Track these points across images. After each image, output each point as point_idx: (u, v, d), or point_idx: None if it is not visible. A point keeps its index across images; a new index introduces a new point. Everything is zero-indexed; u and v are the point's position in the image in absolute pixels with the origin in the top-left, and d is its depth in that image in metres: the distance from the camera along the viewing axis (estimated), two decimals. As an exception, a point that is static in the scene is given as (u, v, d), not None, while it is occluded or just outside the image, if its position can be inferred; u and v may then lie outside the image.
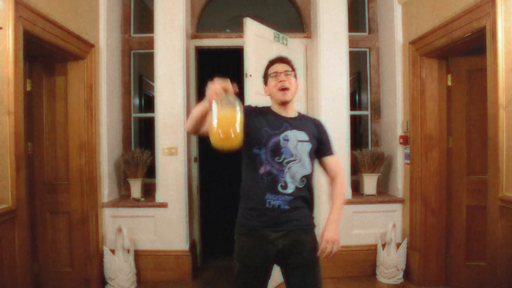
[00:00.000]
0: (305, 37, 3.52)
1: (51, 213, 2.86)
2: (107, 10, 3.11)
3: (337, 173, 1.70)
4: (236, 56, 3.19)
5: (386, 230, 3.11)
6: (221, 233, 3.24)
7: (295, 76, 1.66)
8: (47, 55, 2.69)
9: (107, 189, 3.12)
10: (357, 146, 3.57)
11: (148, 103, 3.70)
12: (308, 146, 1.59)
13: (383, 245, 3.10)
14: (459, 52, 2.76)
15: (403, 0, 3.13)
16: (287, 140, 1.56)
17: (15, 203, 1.97)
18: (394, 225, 3.10)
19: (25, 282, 2.05)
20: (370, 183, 3.28)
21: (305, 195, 1.60)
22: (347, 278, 3.13)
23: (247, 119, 1.52)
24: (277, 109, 1.67)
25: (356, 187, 3.38)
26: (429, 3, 2.76)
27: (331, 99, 3.16)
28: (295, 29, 3.62)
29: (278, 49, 3.01)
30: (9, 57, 1.94)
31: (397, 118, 3.23)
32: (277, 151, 1.54)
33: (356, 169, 3.38)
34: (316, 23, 3.23)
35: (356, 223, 3.18)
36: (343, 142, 3.16)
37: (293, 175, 1.55)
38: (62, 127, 2.86)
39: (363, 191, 3.31)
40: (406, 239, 3.11)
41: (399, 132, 3.22)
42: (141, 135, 3.70)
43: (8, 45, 1.93)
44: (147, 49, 3.43)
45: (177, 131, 3.10)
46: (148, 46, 3.39)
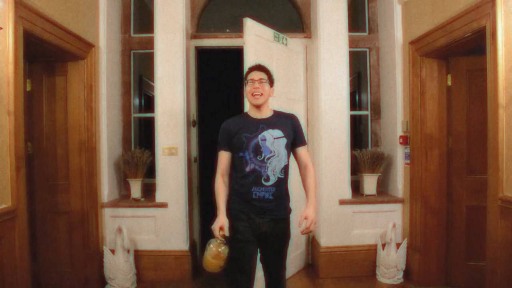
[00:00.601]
0: (305, 37, 3.52)
1: (51, 213, 2.86)
2: (107, 10, 3.11)
3: (307, 162, 1.97)
4: (236, 56, 3.19)
5: (386, 230, 3.11)
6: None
7: (271, 82, 1.93)
8: (47, 55, 2.69)
9: (107, 189, 3.12)
10: (357, 146, 3.57)
11: (148, 103, 3.70)
12: (283, 141, 1.87)
13: (383, 245, 3.10)
14: (459, 52, 2.76)
15: (403, 0, 3.13)
16: (264, 140, 1.84)
17: (15, 203, 1.97)
18: (394, 225, 3.10)
19: (25, 282, 2.05)
20: (370, 183, 3.28)
21: (285, 184, 1.92)
22: (347, 278, 3.13)
23: (229, 133, 1.90)
24: (253, 111, 1.94)
25: (356, 187, 3.38)
26: (429, 3, 2.76)
27: (331, 99, 3.16)
28: (295, 29, 3.62)
29: (278, 49, 3.01)
30: (9, 57, 1.94)
31: (397, 118, 3.23)
32: (257, 150, 1.84)
33: (356, 169, 3.38)
34: (316, 23, 3.23)
35: (356, 223, 3.19)
36: (343, 142, 3.17)
37: (274, 168, 1.84)
38: (62, 127, 2.86)
39: (363, 191, 3.31)
40: (406, 239, 3.11)
41: (399, 132, 3.22)
42: (141, 135, 3.70)
43: (8, 45, 1.93)
44: (147, 49, 3.44)
45: (177, 131, 3.10)
46: (148, 46, 3.39)
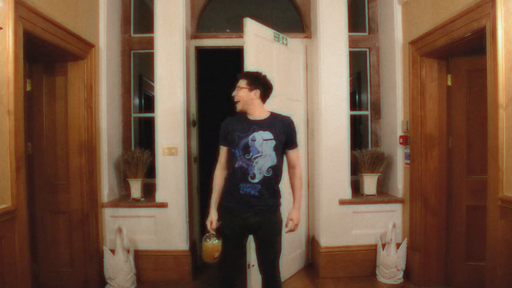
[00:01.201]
0: (305, 37, 3.52)
1: (51, 213, 2.86)
2: (107, 10, 3.11)
3: (296, 165, 2.11)
4: (236, 56, 3.19)
5: (386, 230, 3.12)
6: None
7: (252, 86, 2.03)
8: (47, 55, 2.69)
9: (107, 189, 3.12)
10: (357, 146, 3.57)
11: (148, 103, 3.70)
12: (272, 143, 1.97)
13: (383, 245, 3.10)
14: (459, 52, 2.76)
15: (403, 0, 3.13)
16: (254, 140, 1.97)
17: (15, 203, 1.97)
18: (394, 225, 3.10)
19: (25, 282, 2.05)
20: (370, 183, 3.28)
21: (272, 181, 2.01)
22: (347, 278, 3.13)
23: (227, 130, 2.07)
24: (248, 114, 2.06)
25: (356, 187, 3.38)
26: (429, 3, 2.76)
27: (331, 99, 3.16)
28: (295, 29, 3.62)
29: (278, 49, 3.01)
30: (9, 57, 1.93)
31: (397, 118, 3.23)
32: (246, 149, 1.97)
33: (356, 169, 3.38)
34: (316, 23, 3.23)
35: (356, 223, 3.19)
36: (343, 142, 3.17)
37: (260, 167, 1.96)
38: (62, 127, 2.86)
39: (363, 191, 3.31)
40: (406, 239, 3.11)
41: (399, 132, 3.22)
42: (141, 135, 3.70)
43: (8, 45, 1.93)
44: (147, 49, 3.44)
45: (177, 131, 3.10)
46: (148, 46, 3.39)
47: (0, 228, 1.87)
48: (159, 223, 3.11)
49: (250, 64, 2.64)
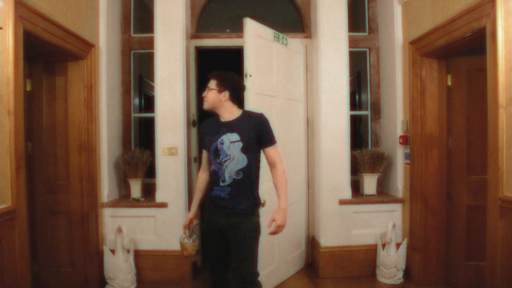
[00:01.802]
0: (305, 37, 3.52)
1: (51, 213, 2.86)
2: (107, 10, 3.11)
3: (275, 162, 1.99)
4: (236, 56, 3.19)
5: (386, 230, 3.11)
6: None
7: (219, 87, 1.97)
8: (47, 55, 2.69)
9: (107, 189, 3.12)
10: (357, 146, 3.57)
11: (148, 103, 3.70)
12: (239, 145, 1.91)
13: (383, 245, 3.10)
14: (459, 52, 2.76)
15: (403, 0, 3.13)
16: (222, 143, 1.93)
17: (15, 203, 1.97)
18: (394, 225, 3.10)
19: (25, 282, 2.05)
20: (370, 183, 3.28)
21: (243, 184, 1.94)
22: (347, 278, 3.13)
23: (202, 134, 2.06)
24: (220, 115, 2.01)
25: (356, 187, 3.38)
26: (429, 3, 2.76)
27: (331, 99, 3.16)
28: (295, 29, 3.62)
29: (278, 49, 3.01)
30: (9, 57, 1.93)
31: (397, 118, 3.23)
32: (216, 153, 1.95)
33: (356, 169, 3.38)
34: (316, 23, 3.23)
35: (356, 223, 3.19)
36: (343, 142, 3.17)
37: (230, 170, 1.92)
38: (62, 127, 2.86)
39: (363, 191, 3.31)
40: (406, 239, 3.11)
41: (399, 132, 3.22)
42: (141, 135, 3.70)
43: (8, 45, 1.93)
44: (147, 49, 3.43)
45: (177, 131, 3.10)
46: (148, 46, 3.39)
47: (0, 228, 1.87)
48: (159, 223, 3.11)
49: (250, 64, 2.64)
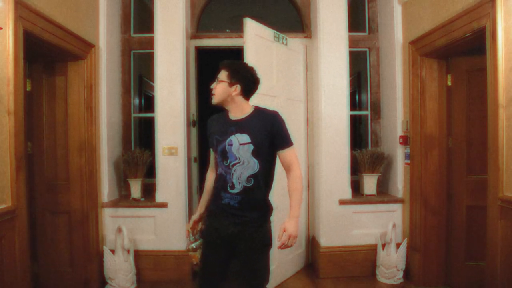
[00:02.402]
0: (305, 37, 3.52)
1: (51, 213, 2.86)
2: (107, 10, 3.11)
3: (291, 166, 1.76)
4: (236, 56, 3.18)
5: (386, 230, 3.11)
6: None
7: (233, 80, 1.74)
8: (47, 55, 2.69)
9: (107, 189, 3.12)
10: (357, 146, 3.57)
11: (148, 103, 3.70)
12: (249, 148, 1.69)
13: (383, 245, 3.10)
14: (459, 52, 2.76)
15: (403, 0, 3.13)
16: (231, 145, 1.71)
17: (15, 203, 1.97)
18: (394, 225, 3.10)
19: (25, 282, 2.05)
20: (370, 183, 3.28)
21: (255, 192, 1.72)
22: (347, 278, 3.13)
23: (208, 132, 1.87)
24: (229, 111, 1.82)
25: (356, 187, 3.38)
26: (429, 3, 2.76)
27: (331, 99, 3.16)
28: (295, 29, 3.62)
29: (278, 49, 3.01)
30: (9, 57, 1.93)
31: (397, 118, 3.23)
32: (224, 155, 1.73)
33: (356, 169, 3.38)
34: (316, 23, 3.23)
35: (356, 223, 3.19)
36: (343, 142, 3.17)
37: (239, 176, 1.70)
38: (62, 127, 2.86)
39: (363, 191, 3.31)
40: (406, 239, 3.11)
41: (399, 132, 3.22)
42: (141, 135, 3.70)
43: (8, 45, 1.93)
44: (147, 49, 3.43)
45: (177, 131, 3.10)
46: (148, 46, 3.39)
47: (0, 228, 1.87)
48: (159, 223, 3.11)
49: (250, 64, 2.63)
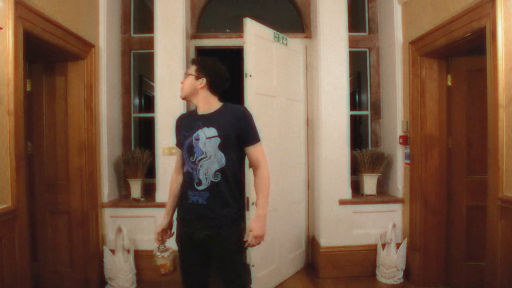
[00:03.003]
0: (305, 37, 3.52)
1: (51, 213, 2.86)
2: (107, 10, 3.11)
3: (259, 164, 1.73)
4: (236, 56, 3.19)
5: (386, 230, 3.11)
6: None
7: (197, 73, 1.76)
8: (47, 55, 2.69)
9: (107, 189, 3.12)
10: (357, 146, 3.57)
11: (148, 103, 3.70)
12: (216, 141, 1.65)
13: (383, 245, 3.10)
14: (459, 52, 2.76)
15: (403, 0, 3.13)
16: (198, 139, 1.68)
17: (15, 203, 1.97)
18: (394, 225, 3.10)
19: (25, 282, 2.05)
20: (370, 183, 3.28)
21: (224, 188, 1.67)
22: (347, 278, 3.13)
23: (176, 130, 1.84)
24: (197, 106, 1.80)
25: (356, 187, 3.38)
26: (429, 3, 2.76)
27: (331, 99, 3.16)
28: (295, 29, 3.62)
29: (278, 49, 3.01)
30: (9, 57, 1.93)
31: (397, 118, 3.23)
32: (191, 151, 1.70)
33: (356, 169, 3.38)
34: (316, 23, 3.23)
35: (356, 223, 3.19)
36: (343, 142, 3.17)
37: (206, 171, 1.66)
38: (62, 127, 2.86)
39: (363, 191, 3.31)
40: (406, 239, 3.11)
41: (399, 132, 3.22)
42: (141, 135, 3.70)
43: (8, 45, 1.93)
44: (147, 49, 3.43)
45: (177, 131, 3.10)
46: (148, 46, 3.39)
47: (0, 228, 1.87)
48: (159, 223, 3.10)
49: (250, 64, 2.64)
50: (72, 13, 2.65)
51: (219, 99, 1.82)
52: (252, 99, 2.62)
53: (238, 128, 1.69)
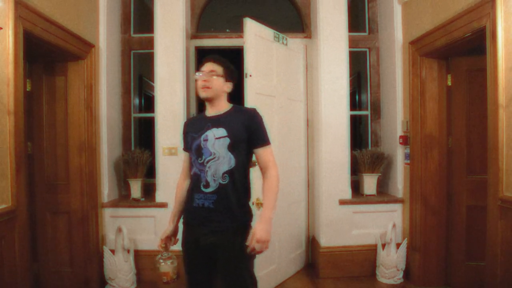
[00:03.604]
0: (305, 37, 3.52)
1: (51, 213, 2.86)
2: (107, 10, 3.11)
3: (268, 166, 1.69)
4: (236, 56, 3.18)
5: (386, 230, 3.11)
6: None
7: (228, 77, 1.73)
8: (47, 55, 2.69)
9: (107, 189, 3.12)
10: (357, 146, 3.57)
11: (148, 103, 3.70)
12: (225, 141, 1.61)
13: (383, 245, 3.10)
14: (459, 52, 2.76)
15: (403, 0, 3.13)
16: (206, 140, 1.64)
17: (15, 203, 1.97)
18: (394, 225, 3.10)
19: (25, 282, 2.05)
20: (370, 183, 3.28)
21: (232, 190, 1.62)
22: (347, 278, 3.13)
23: (184, 133, 1.80)
24: (208, 108, 1.76)
25: (356, 187, 3.38)
26: (429, 3, 2.76)
27: (331, 99, 3.16)
28: (295, 29, 3.62)
29: (278, 49, 3.01)
30: (9, 57, 1.93)
31: (397, 118, 3.23)
32: (199, 152, 1.65)
33: (356, 169, 3.38)
34: (316, 23, 3.23)
35: (356, 223, 3.19)
36: (343, 142, 3.17)
37: (214, 173, 1.61)
38: (62, 127, 2.86)
39: (363, 191, 3.31)
40: (406, 239, 3.11)
41: (399, 132, 3.22)
42: (141, 135, 3.70)
43: (8, 45, 1.93)
44: (147, 49, 3.43)
45: (177, 131, 3.10)
46: (148, 46, 3.39)
47: (0, 228, 1.87)
48: (159, 223, 3.10)
49: (250, 64, 2.64)
50: (72, 13, 2.65)
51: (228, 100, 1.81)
52: (252, 99, 2.62)
53: (248, 129, 1.66)
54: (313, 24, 3.43)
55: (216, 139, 1.62)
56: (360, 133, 3.98)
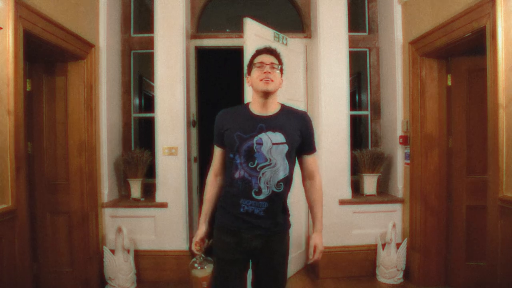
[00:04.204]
0: (305, 37, 3.52)
1: (51, 213, 2.86)
2: (107, 10, 3.11)
3: (314, 174, 1.66)
4: (236, 56, 3.19)
5: (386, 230, 3.11)
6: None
7: (281, 70, 1.62)
8: (47, 55, 2.69)
9: (107, 189, 3.12)
10: (357, 146, 3.57)
11: (148, 103, 3.70)
12: (284, 148, 1.52)
13: (383, 245, 3.10)
14: (459, 52, 2.76)
15: (403, 0, 3.13)
16: (260, 144, 1.51)
17: (15, 203, 1.97)
18: (394, 225, 3.10)
19: (25, 282, 2.05)
20: (370, 183, 3.28)
21: (282, 198, 1.58)
22: (347, 278, 3.13)
23: (221, 127, 1.60)
24: (255, 105, 1.61)
25: (356, 187, 3.38)
26: (429, 3, 2.76)
27: (331, 99, 3.16)
28: (295, 29, 3.62)
29: (278, 49, 3.01)
30: (9, 57, 1.94)
31: (397, 118, 3.23)
32: (250, 156, 1.51)
33: (356, 169, 3.38)
34: (316, 23, 3.23)
35: (356, 223, 3.19)
36: (343, 142, 3.17)
37: (268, 180, 1.51)
38: (62, 127, 2.86)
39: (363, 191, 3.31)
40: (406, 239, 3.11)
41: (399, 132, 3.22)
42: (141, 135, 3.70)
43: (8, 45, 1.93)
44: (147, 49, 3.43)
45: (177, 131, 3.10)
46: (148, 46, 3.39)
47: (0, 228, 1.87)
48: (159, 223, 3.11)
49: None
50: (72, 13, 2.65)
51: None
52: (251, 99, 2.61)
53: (302, 135, 1.58)
54: (313, 24, 3.43)
55: (274, 144, 1.51)
56: (360, 133, 3.98)
